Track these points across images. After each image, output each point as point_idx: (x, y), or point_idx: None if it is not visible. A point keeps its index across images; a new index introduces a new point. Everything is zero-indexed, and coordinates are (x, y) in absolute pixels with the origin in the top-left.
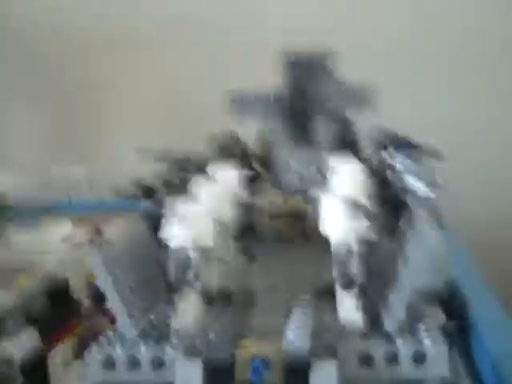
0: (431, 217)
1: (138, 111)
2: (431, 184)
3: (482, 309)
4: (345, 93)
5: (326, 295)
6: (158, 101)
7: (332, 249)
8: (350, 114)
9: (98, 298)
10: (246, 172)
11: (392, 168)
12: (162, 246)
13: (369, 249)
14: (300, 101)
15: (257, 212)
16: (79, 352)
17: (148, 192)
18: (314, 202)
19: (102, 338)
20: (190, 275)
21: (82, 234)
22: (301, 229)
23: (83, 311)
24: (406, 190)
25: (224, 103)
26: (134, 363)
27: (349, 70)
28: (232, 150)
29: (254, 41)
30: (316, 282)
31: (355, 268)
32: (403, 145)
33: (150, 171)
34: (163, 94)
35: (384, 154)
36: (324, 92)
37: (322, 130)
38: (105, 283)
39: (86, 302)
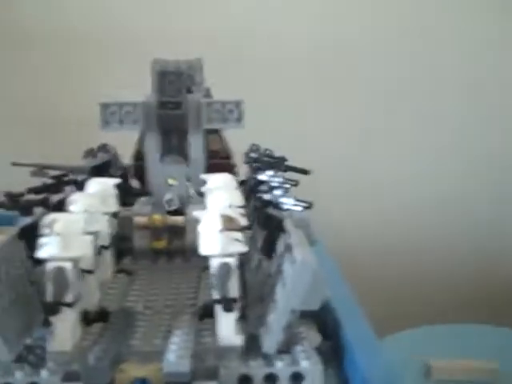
0: (304, 236)
1: (11, 123)
2: (302, 202)
3: (353, 328)
4: (215, 107)
5: (206, 316)
6: (31, 113)
7: (211, 269)
8: (222, 128)
9: None
10: (123, 186)
11: (267, 187)
12: (38, 265)
13: (248, 269)
14: (171, 111)
15: (133, 228)
16: None
17: (25, 208)
18: (191, 220)
19: None
20: (69, 296)
21: None
22: (179, 246)
23: None
24: (281, 209)
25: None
26: None
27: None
28: (107, 164)
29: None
30: (196, 302)
31: (235, 289)
32: (275, 163)
33: (25, 186)
34: (37, 105)
35: (258, 172)
36: (194, 104)
37: (196, 145)
38: None
39: None
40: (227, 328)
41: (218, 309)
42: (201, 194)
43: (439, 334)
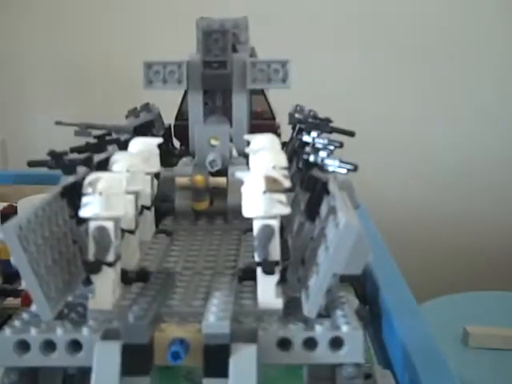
0: (348, 199)
1: (56, 85)
2: (347, 164)
3: (392, 293)
4: (260, 66)
5: (246, 278)
6: (77, 73)
7: (253, 231)
8: (266, 89)
9: (11, 277)
10: (165, 146)
11: (311, 148)
12: (80, 223)
13: (290, 232)
14: (216, 71)
15: (175, 189)
16: None
17: (68, 167)
18: (233, 181)
19: (15, 321)
20: (110, 255)
21: None
22: (220, 207)
23: None
24: (326, 171)
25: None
26: (49, 346)
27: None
28: (150, 124)
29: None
30: (236, 264)
31: (276, 252)
32: (320, 124)
33: (68, 145)
34: (82, 65)
35: (302, 133)
36: (239, 63)
37: (240, 105)
38: (19, 261)
39: None
40: (267, 291)
41: (259, 271)
42: (244, 155)
43: (478, 300)
